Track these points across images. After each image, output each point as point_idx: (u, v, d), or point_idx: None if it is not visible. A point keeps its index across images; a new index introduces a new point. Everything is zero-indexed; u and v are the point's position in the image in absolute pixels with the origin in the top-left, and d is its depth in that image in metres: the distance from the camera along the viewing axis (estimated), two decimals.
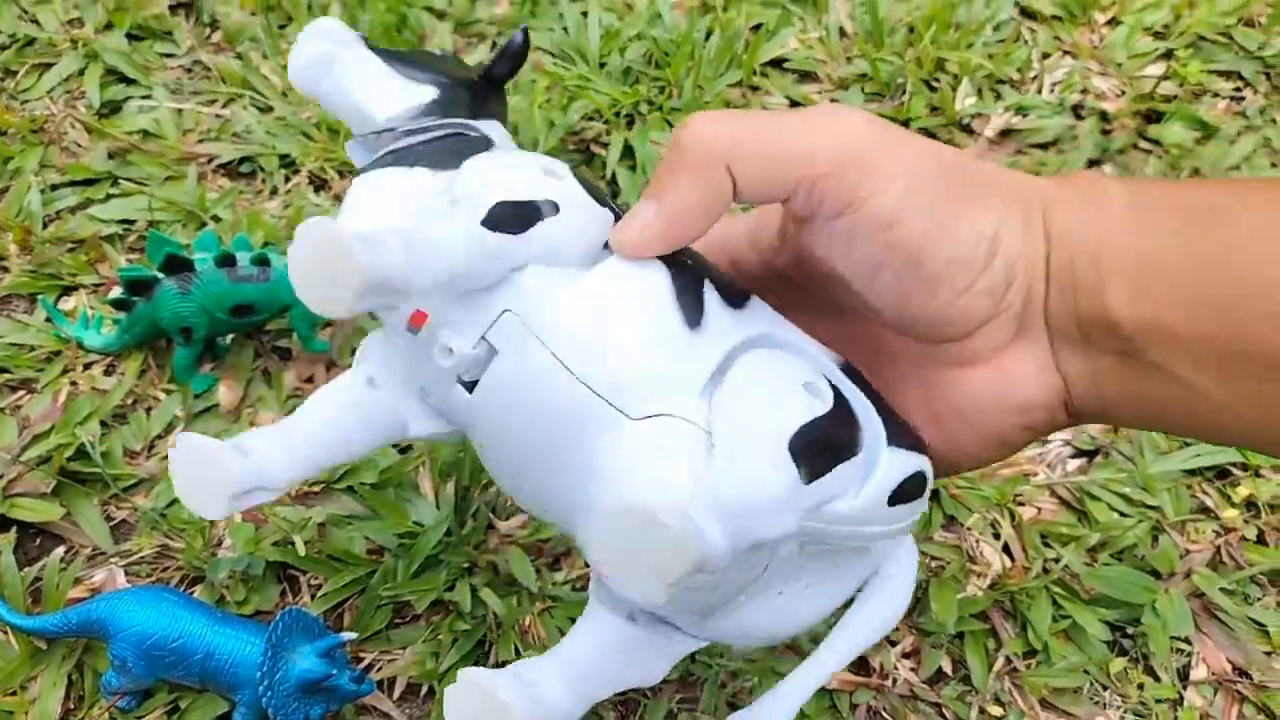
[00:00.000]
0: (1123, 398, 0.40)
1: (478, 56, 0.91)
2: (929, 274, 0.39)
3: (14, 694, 0.58)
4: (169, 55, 0.89)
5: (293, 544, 0.63)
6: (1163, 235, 0.38)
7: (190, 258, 0.66)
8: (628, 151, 0.85)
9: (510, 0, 0.97)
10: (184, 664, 0.54)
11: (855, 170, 0.38)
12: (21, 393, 0.69)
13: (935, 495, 0.68)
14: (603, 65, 0.91)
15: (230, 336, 0.72)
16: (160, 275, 0.66)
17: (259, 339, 0.72)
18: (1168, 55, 0.97)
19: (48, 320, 0.71)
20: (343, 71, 0.43)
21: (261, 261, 0.67)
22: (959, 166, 0.40)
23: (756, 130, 0.38)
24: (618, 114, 0.87)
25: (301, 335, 0.70)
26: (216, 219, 0.78)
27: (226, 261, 0.66)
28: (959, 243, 0.38)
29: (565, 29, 0.94)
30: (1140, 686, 0.63)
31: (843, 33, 0.96)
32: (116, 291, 0.68)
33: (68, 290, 0.74)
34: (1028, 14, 1.00)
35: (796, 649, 0.61)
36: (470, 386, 0.40)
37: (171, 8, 0.92)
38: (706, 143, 0.38)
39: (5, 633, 0.60)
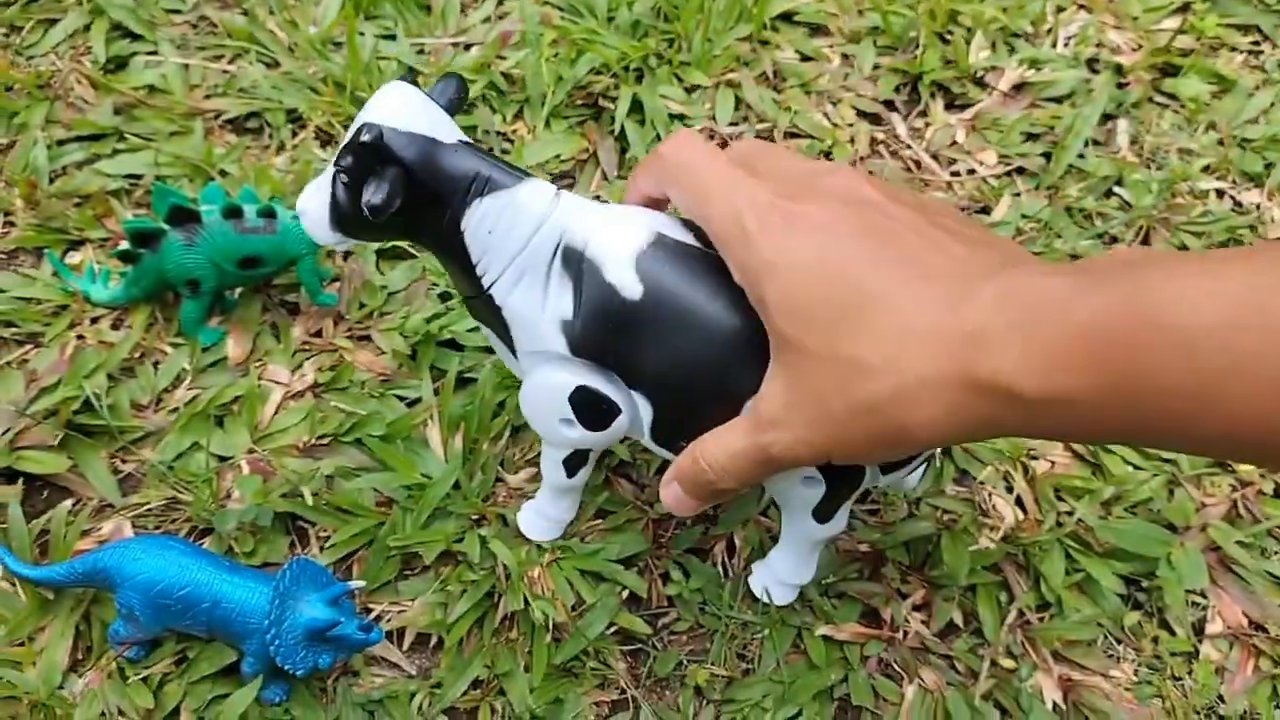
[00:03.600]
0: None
1: (484, 12, 0.90)
2: None
3: (22, 644, 0.58)
4: (175, 11, 0.88)
5: (301, 495, 0.62)
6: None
7: (196, 209, 0.66)
8: (636, 106, 0.84)
9: None
10: (191, 613, 0.54)
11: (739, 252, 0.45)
12: (28, 346, 0.69)
13: (947, 450, 0.67)
14: (611, 19, 0.90)
15: (238, 290, 0.71)
16: (166, 227, 0.65)
17: (266, 293, 0.72)
18: (1184, 8, 0.95)
19: (54, 274, 0.71)
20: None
21: (268, 214, 0.66)
22: (852, 285, 0.43)
23: (736, 467, 0.48)
24: (626, 68, 0.86)
25: (310, 289, 0.70)
26: (224, 174, 0.77)
27: (233, 213, 0.66)
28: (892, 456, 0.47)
29: None
30: (1155, 640, 0.62)
31: None
32: (123, 244, 0.68)
33: (74, 245, 0.74)
34: None
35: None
36: None
37: None
38: (717, 484, 0.49)
39: (13, 584, 0.60)
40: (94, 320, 0.70)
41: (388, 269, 0.74)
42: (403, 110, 0.48)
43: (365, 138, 0.47)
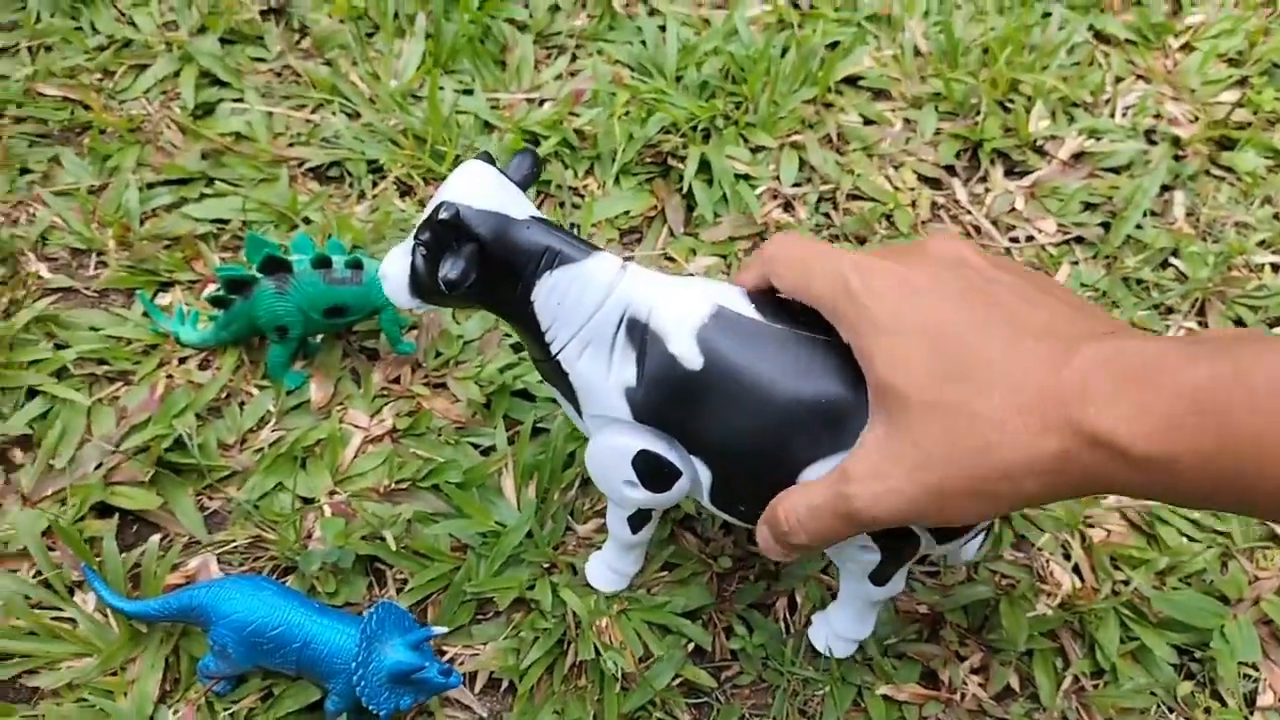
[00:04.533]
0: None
1: (556, 69, 0.93)
2: None
3: (114, 674, 0.60)
4: (260, 59, 0.92)
5: (381, 539, 0.65)
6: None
7: (288, 259, 0.68)
8: (704, 165, 0.86)
9: (588, 13, 0.99)
10: (281, 651, 0.56)
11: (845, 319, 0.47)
12: (119, 384, 0.72)
13: (1007, 516, 0.69)
14: (679, 79, 0.93)
15: (320, 336, 0.74)
16: (258, 275, 0.68)
17: (347, 339, 0.75)
18: (1242, 82, 0.97)
19: (145, 314, 0.74)
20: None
21: (355, 265, 0.69)
22: (956, 339, 0.44)
23: (819, 528, 0.48)
24: (694, 128, 0.88)
25: (390, 337, 0.72)
26: (307, 221, 0.80)
27: (322, 264, 0.68)
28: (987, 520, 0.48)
29: (644, 42, 0.95)
30: (1207, 710, 0.64)
31: (917, 51, 0.98)
32: (215, 289, 0.71)
33: (164, 286, 0.77)
34: (1102, 38, 1.01)
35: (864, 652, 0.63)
36: None
37: (262, 13, 0.95)
38: (800, 543, 0.50)
39: (105, 615, 0.62)
40: (181, 360, 0.73)
41: (463, 319, 0.76)
42: (479, 188, 0.51)
43: (443, 216, 0.49)
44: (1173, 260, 0.84)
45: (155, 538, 0.65)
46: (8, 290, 0.75)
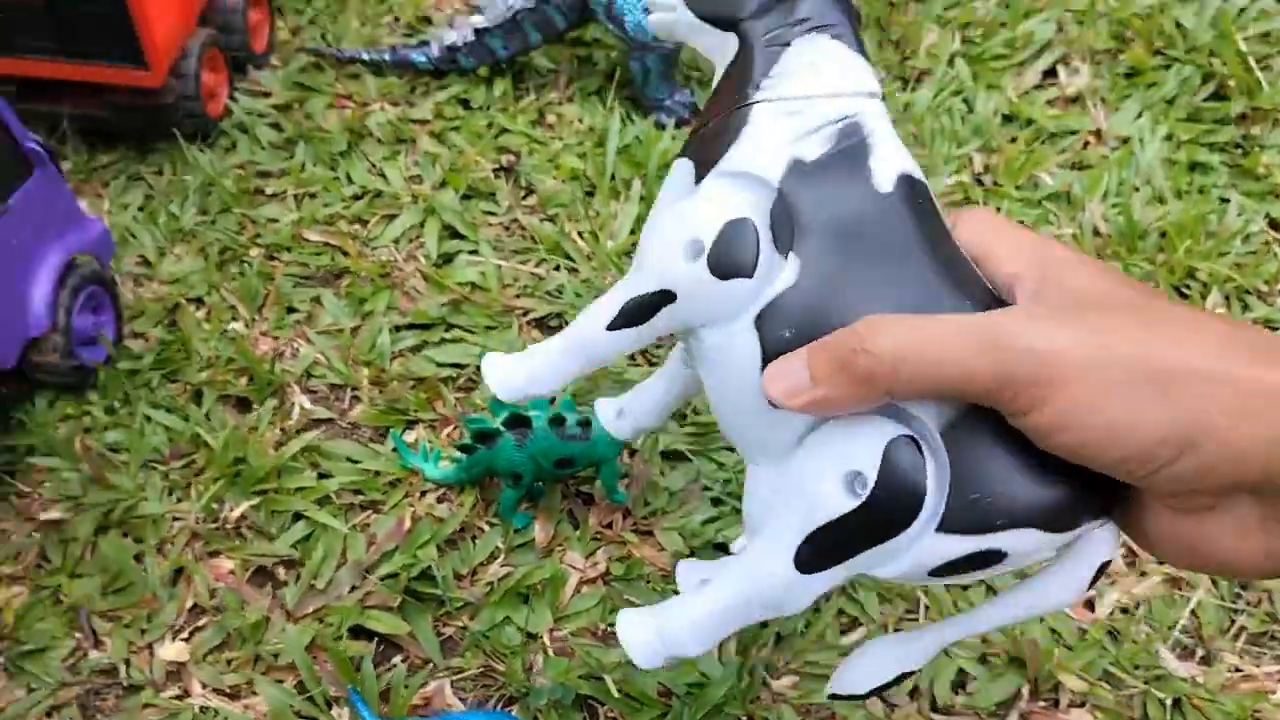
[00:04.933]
0: None
1: None
2: (1100, 466, 0.41)
3: None
4: (490, 213, 1.03)
5: (599, 679, 0.72)
6: None
7: (528, 415, 0.77)
8: None
9: None
10: None
11: (1011, 390, 0.40)
12: (369, 512, 0.81)
13: (1177, 704, 0.73)
14: None
15: (542, 481, 0.83)
16: (502, 429, 0.77)
17: (566, 484, 0.83)
18: None
19: (394, 450, 0.84)
20: None
21: (584, 423, 0.78)
22: (1147, 363, 0.39)
23: (920, 347, 0.41)
24: None
25: (607, 486, 0.80)
26: None
27: (557, 421, 0.77)
28: (1127, 445, 0.39)
29: None
30: None
31: (1096, 232, 1.03)
32: (462, 439, 0.80)
33: (410, 424, 0.87)
34: (1276, 226, 1.05)
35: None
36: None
37: (494, 170, 1.06)
38: (877, 363, 0.41)
39: None
40: (423, 494, 0.82)
41: (668, 470, 0.84)
42: None
43: None
44: None
45: (398, 659, 0.74)
46: (278, 420, 0.86)
